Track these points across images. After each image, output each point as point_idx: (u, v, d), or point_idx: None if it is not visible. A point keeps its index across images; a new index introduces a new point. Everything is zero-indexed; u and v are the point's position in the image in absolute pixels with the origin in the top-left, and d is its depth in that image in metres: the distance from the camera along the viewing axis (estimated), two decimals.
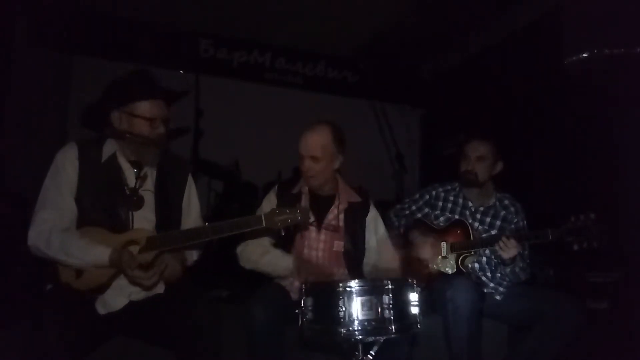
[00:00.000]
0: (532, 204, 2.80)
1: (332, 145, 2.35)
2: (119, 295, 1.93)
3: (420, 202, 2.84)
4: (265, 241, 2.37)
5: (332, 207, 2.42)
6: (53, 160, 2.00)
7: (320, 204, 2.41)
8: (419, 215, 2.82)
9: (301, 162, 2.36)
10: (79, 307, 1.84)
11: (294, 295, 2.19)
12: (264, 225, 1.93)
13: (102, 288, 1.90)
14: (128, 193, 2.01)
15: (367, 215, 2.47)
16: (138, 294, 1.97)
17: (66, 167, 1.97)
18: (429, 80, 6.33)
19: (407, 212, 2.86)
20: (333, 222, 2.38)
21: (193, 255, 2.20)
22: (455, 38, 5.46)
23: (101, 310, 1.90)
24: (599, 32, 3.42)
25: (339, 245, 2.37)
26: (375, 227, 2.51)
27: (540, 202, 3.36)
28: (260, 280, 2.44)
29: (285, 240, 2.32)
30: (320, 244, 2.37)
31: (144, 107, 2.00)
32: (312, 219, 2.32)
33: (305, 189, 2.44)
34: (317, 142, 2.32)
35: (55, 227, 1.88)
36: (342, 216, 2.40)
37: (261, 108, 5.66)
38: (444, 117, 5.98)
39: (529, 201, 2.81)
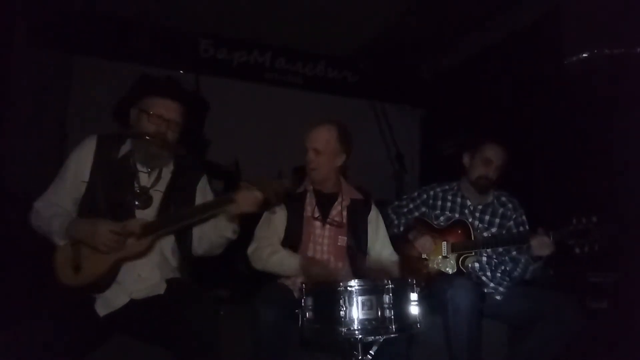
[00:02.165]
0: (533, 205, 2.80)
1: (336, 142, 2.44)
2: (120, 293, 1.93)
3: (418, 201, 2.84)
4: (275, 240, 2.41)
5: (336, 204, 2.48)
6: (73, 149, 2.08)
7: (324, 201, 2.48)
8: (416, 214, 2.82)
9: (307, 155, 2.45)
10: (78, 309, 1.84)
11: (297, 294, 2.20)
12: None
13: (103, 281, 1.90)
14: (138, 191, 2.03)
15: (369, 212, 2.53)
16: (139, 292, 1.97)
17: (80, 161, 2.03)
18: (429, 80, 6.32)
19: (405, 209, 2.86)
20: (337, 218, 2.44)
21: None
22: (455, 38, 5.46)
23: (101, 311, 1.89)
24: (599, 32, 3.42)
25: (342, 240, 2.43)
26: (376, 226, 2.55)
27: (541, 202, 3.36)
28: (261, 280, 2.45)
29: (292, 236, 2.40)
30: (325, 240, 2.43)
31: (151, 104, 2.04)
32: (317, 214, 2.43)
33: (310, 188, 2.50)
34: (321, 136, 2.43)
35: (42, 209, 1.99)
36: (345, 212, 2.46)
37: (261, 108, 5.66)
38: (444, 117, 5.97)
39: (530, 202, 2.81)
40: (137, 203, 2.03)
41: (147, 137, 2.01)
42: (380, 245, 2.54)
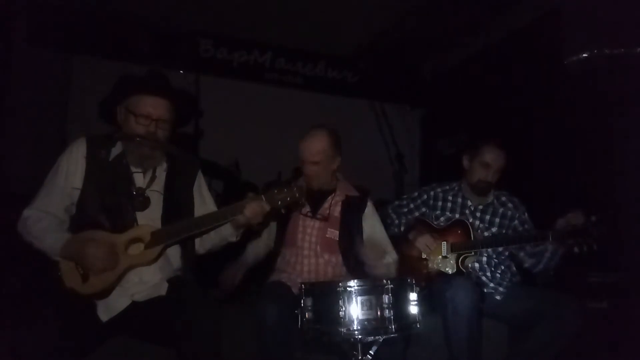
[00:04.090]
0: (532, 204, 2.80)
1: (330, 149, 2.47)
2: (121, 296, 1.91)
3: (418, 201, 2.85)
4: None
5: (328, 198, 2.52)
6: (62, 153, 2.01)
7: (317, 196, 2.52)
8: (417, 214, 2.82)
9: (303, 165, 2.49)
10: (81, 311, 1.83)
11: (295, 290, 2.21)
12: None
13: (110, 289, 1.89)
14: (134, 193, 2.00)
15: (364, 209, 2.55)
16: (141, 294, 1.95)
17: (71, 166, 1.97)
18: (429, 80, 6.32)
19: (405, 209, 2.87)
20: (325, 212, 2.49)
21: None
22: (455, 38, 5.45)
23: (103, 316, 1.88)
24: (599, 32, 3.42)
25: (332, 233, 2.46)
26: (371, 223, 2.56)
27: (540, 202, 3.35)
28: (260, 280, 2.46)
29: (280, 228, 2.47)
30: (314, 231, 2.47)
31: (136, 102, 1.99)
32: (307, 208, 2.48)
33: (304, 184, 2.51)
34: (316, 148, 2.44)
35: (32, 219, 1.93)
36: (338, 207, 2.50)
37: (261, 108, 5.66)
38: (444, 117, 5.97)
39: (529, 201, 2.81)
40: (134, 205, 1.99)
41: (137, 139, 1.97)
42: (374, 241, 2.53)
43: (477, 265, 2.64)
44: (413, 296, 1.78)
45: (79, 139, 2.03)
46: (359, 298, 1.71)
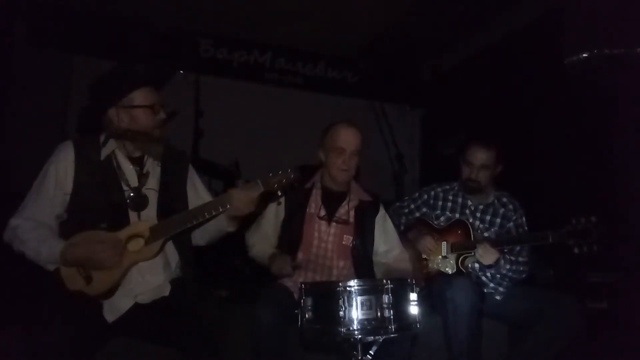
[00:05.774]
0: (532, 205, 2.80)
1: (362, 143, 2.45)
2: (124, 296, 1.91)
3: (419, 202, 2.85)
4: (265, 247, 2.43)
5: (344, 203, 2.47)
6: (49, 159, 1.97)
7: (332, 199, 2.47)
8: (417, 214, 2.83)
9: (338, 155, 2.39)
10: (87, 313, 1.83)
11: (296, 294, 2.20)
12: (263, 189, 1.96)
13: (115, 288, 1.89)
14: (130, 193, 1.98)
15: (376, 214, 2.52)
16: (144, 296, 1.95)
17: (59, 171, 1.93)
18: (429, 80, 6.32)
19: (406, 210, 2.87)
20: (344, 217, 2.44)
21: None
22: (455, 38, 5.46)
23: (109, 317, 1.87)
24: (599, 32, 3.41)
25: (347, 239, 2.42)
26: (384, 227, 2.54)
27: (540, 202, 3.36)
28: (260, 280, 2.46)
29: (292, 233, 2.40)
30: (330, 237, 2.42)
31: (142, 96, 1.97)
32: (322, 213, 2.42)
33: (318, 184, 2.50)
34: (359, 137, 2.42)
35: (21, 228, 1.88)
36: (352, 212, 2.46)
37: (261, 108, 5.65)
38: (444, 117, 5.97)
39: (529, 202, 2.81)
40: (131, 204, 1.97)
41: (136, 134, 1.95)
42: (388, 246, 2.53)
43: (477, 265, 2.64)
44: (413, 296, 1.79)
45: (65, 143, 1.99)
46: (359, 298, 1.71)
